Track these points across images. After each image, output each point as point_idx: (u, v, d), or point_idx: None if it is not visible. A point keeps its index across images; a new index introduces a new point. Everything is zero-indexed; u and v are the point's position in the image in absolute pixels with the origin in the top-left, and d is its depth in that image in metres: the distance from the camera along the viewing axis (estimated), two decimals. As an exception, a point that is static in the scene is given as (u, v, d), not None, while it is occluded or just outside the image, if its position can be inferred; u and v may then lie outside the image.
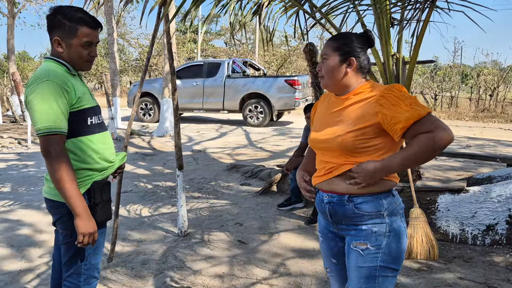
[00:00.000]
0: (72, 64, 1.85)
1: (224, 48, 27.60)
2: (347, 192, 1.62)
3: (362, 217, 1.61)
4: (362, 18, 4.09)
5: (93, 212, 1.84)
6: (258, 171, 5.61)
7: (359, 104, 1.60)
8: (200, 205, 4.65)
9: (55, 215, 1.88)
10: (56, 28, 1.78)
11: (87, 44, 1.82)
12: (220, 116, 13.27)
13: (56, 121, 1.67)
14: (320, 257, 3.34)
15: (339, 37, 1.67)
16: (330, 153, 1.65)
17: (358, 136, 1.56)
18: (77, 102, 1.78)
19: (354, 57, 1.61)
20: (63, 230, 1.87)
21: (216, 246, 3.53)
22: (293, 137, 9.23)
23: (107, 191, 1.92)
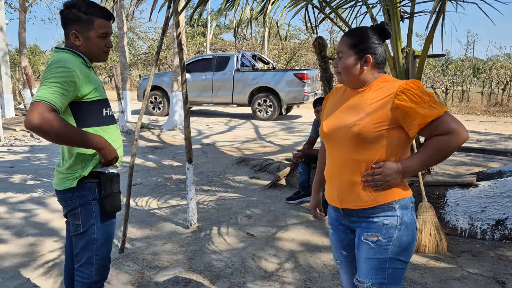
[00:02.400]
0: (89, 56, 1.90)
1: (233, 42, 27.57)
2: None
3: (373, 209, 1.62)
4: (371, 11, 4.07)
5: (103, 203, 1.90)
6: (267, 165, 5.63)
7: (376, 98, 1.59)
8: (209, 198, 4.69)
9: (67, 207, 1.93)
10: (72, 21, 1.83)
11: (104, 36, 1.88)
12: (229, 110, 13.30)
13: (55, 98, 1.67)
14: (329, 250, 3.36)
15: (355, 33, 1.64)
16: (341, 145, 1.63)
17: (374, 128, 1.55)
18: (91, 92, 1.83)
19: (370, 54, 1.60)
20: (74, 221, 1.93)
21: (225, 239, 3.57)
22: (301, 131, 9.23)
23: (116, 183, 1.96)
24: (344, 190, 1.66)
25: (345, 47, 1.62)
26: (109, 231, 1.99)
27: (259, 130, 9.52)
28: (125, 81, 11.06)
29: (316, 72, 12.31)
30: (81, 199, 1.87)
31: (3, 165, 6.13)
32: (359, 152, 1.60)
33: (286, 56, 23.37)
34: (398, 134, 1.58)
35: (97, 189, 1.89)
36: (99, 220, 1.92)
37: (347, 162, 1.64)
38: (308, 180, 4.47)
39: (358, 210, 1.65)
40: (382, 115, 1.55)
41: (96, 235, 1.93)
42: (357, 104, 1.63)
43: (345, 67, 1.63)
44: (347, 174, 1.64)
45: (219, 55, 12.09)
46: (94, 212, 1.90)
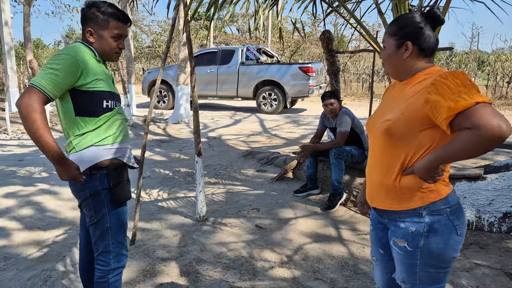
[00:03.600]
0: (101, 54, 1.97)
1: (236, 35, 27.49)
2: None
3: (399, 214, 1.55)
4: (379, 6, 4.06)
5: (114, 192, 1.96)
6: (273, 158, 5.66)
7: (414, 92, 1.47)
8: (217, 190, 4.73)
9: (79, 198, 1.98)
10: (89, 20, 1.92)
11: (117, 37, 1.96)
12: (233, 103, 13.32)
13: (49, 85, 1.74)
14: (337, 242, 3.40)
15: (396, 20, 1.55)
16: (375, 141, 1.60)
17: (404, 125, 1.46)
18: (92, 82, 1.86)
19: (411, 40, 1.49)
20: (88, 212, 1.98)
21: (234, 231, 3.61)
22: (307, 125, 9.25)
23: (124, 172, 2.01)
24: (374, 188, 1.63)
25: (387, 35, 1.55)
26: (122, 219, 2.04)
27: (264, 123, 9.54)
28: (130, 74, 11.09)
29: (321, 66, 12.30)
30: (91, 190, 1.93)
31: (12, 159, 6.19)
32: (387, 151, 1.54)
33: (289, 49, 23.31)
34: (431, 135, 1.45)
35: (106, 179, 1.94)
36: (111, 209, 1.97)
37: (378, 160, 1.60)
38: (315, 173, 4.49)
39: (385, 211, 1.61)
40: (414, 112, 1.44)
41: (110, 224, 1.98)
42: (396, 98, 1.56)
43: (386, 57, 1.56)
44: (377, 172, 1.60)
45: (223, 49, 12.09)
46: (105, 201, 1.95)
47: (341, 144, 4.13)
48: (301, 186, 4.58)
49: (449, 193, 1.53)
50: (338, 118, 4.21)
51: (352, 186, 4.23)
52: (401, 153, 1.51)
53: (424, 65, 1.53)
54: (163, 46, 25.71)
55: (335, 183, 4.07)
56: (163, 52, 3.71)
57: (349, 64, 21.96)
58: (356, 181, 4.24)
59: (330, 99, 4.22)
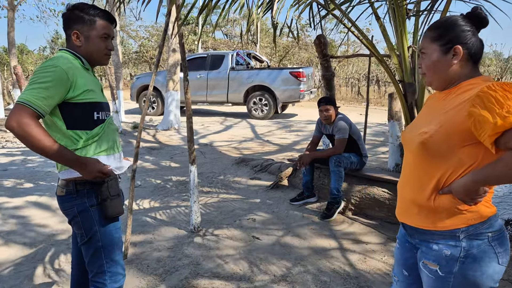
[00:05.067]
0: (90, 58, 1.85)
1: (224, 40, 27.41)
2: None
3: (432, 234, 1.42)
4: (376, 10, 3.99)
5: (103, 208, 1.83)
6: (267, 165, 5.55)
7: (456, 102, 1.34)
8: (210, 200, 4.60)
9: (68, 216, 1.87)
10: (74, 21, 1.80)
11: (105, 37, 1.84)
12: (223, 109, 13.19)
13: (39, 101, 1.62)
14: (338, 253, 3.29)
15: (439, 24, 1.41)
16: (409, 154, 1.48)
17: (442, 140, 1.34)
18: (83, 94, 1.74)
19: (460, 44, 1.35)
20: (78, 231, 1.85)
21: (230, 243, 3.48)
22: (299, 130, 9.17)
23: (113, 185, 1.86)
24: (405, 204, 1.50)
25: (428, 42, 1.41)
26: (115, 236, 1.91)
27: (256, 129, 9.44)
28: (119, 80, 10.90)
29: (311, 70, 12.26)
30: (79, 207, 1.81)
31: (-4, 168, 5.97)
32: (422, 167, 1.41)
33: (278, 54, 23.29)
34: (473, 152, 1.32)
35: (94, 194, 1.82)
36: (101, 226, 1.84)
37: (411, 175, 1.47)
38: (311, 181, 4.39)
39: (416, 230, 1.47)
40: (455, 126, 1.30)
41: (102, 242, 1.85)
42: (436, 109, 1.42)
43: (430, 64, 1.41)
44: (410, 188, 1.47)
45: (213, 54, 11.97)
46: (94, 218, 1.83)
47: (340, 151, 4.04)
48: (297, 194, 4.47)
49: (492, 216, 1.39)
50: (335, 124, 4.12)
51: (350, 194, 4.13)
52: (437, 170, 1.38)
53: (470, 73, 1.39)
54: (151, 52, 25.50)
55: (334, 192, 3.97)
56: (155, 57, 3.59)
57: (338, 69, 22.02)
58: (354, 188, 4.14)
59: (326, 105, 4.13)
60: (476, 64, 1.39)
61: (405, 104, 3.83)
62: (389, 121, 5.11)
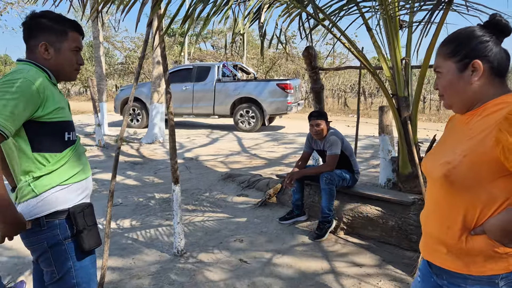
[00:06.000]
0: (57, 73, 1.64)
1: (211, 51, 27.31)
2: None
3: (465, 279, 1.21)
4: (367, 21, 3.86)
5: (78, 241, 1.60)
6: (255, 181, 5.34)
7: (482, 127, 1.15)
8: (195, 218, 4.36)
9: (35, 252, 1.61)
10: (42, 31, 1.58)
11: (76, 50, 1.66)
12: (210, 121, 12.98)
13: (8, 121, 1.41)
14: (331, 277, 3.09)
15: (452, 37, 1.23)
16: (432, 187, 1.29)
17: (468, 171, 1.15)
18: (53, 112, 1.54)
19: (479, 58, 1.17)
20: (47, 268, 1.61)
21: (217, 267, 3.25)
22: (287, 143, 8.99)
23: (89, 214, 1.65)
24: (431, 242, 1.30)
25: (442, 59, 1.23)
26: (91, 271, 1.68)
27: (243, 142, 9.23)
28: (102, 92, 10.61)
29: (299, 82, 12.15)
30: (50, 240, 1.57)
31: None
32: (448, 202, 1.22)
33: (265, 65, 23.23)
34: (507, 185, 1.12)
35: (67, 225, 1.59)
36: (76, 261, 1.61)
37: (436, 210, 1.28)
38: (301, 198, 4.19)
39: (445, 270, 1.26)
40: (482, 155, 1.13)
41: (77, 279, 1.62)
42: (459, 134, 1.24)
43: (446, 85, 1.23)
44: (436, 225, 1.28)
45: (199, 65, 11.79)
46: (68, 253, 1.60)
47: (332, 168, 3.85)
48: (286, 213, 4.26)
49: None
50: (327, 140, 3.94)
51: (342, 212, 3.94)
52: (465, 206, 1.18)
53: (496, 91, 1.19)
54: (136, 63, 25.24)
55: (326, 211, 3.77)
56: (135, 69, 3.38)
57: (324, 80, 22.03)
58: (346, 206, 3.96)
59: (317, 120, 3.95)
60: (503, 79, 1.20)
61: (399, 119, 3.69)
62: (380, 134, 4.96)
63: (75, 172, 1.62)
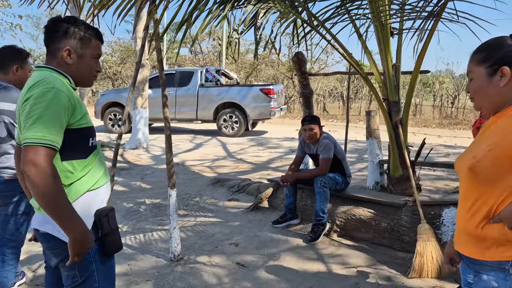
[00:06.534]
0: (77, 79, 1.66)
1: (190, 57, 27.20)
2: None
3: (481, 265, 1.34)
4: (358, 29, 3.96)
5: (103, 243, 1.62)
6: (245, 185, 5.37)
7: (506, 125, 1.28)
8: (187, 223, 4.35)
9: (58, 256, 1.59)
10: (68, 36, 1.59)
11: (97, 57, 1.68)
12: (192, 126, 12.93)
13: (53, 134, 1.42)
14: (327, 279, 3.14)
15: (484, 45, 1.36)
16: (461, 181, 1.41)
17: (492, 165, 1.27)
18: (82, 118, 1.56)
19: (508, 64, 1.29)
20: (69, 272, 1.60)
21: (215, 271, 3.26)
22: (272, 148, 9.05)
23: (113, 218, 1.67)
24: (457, 232, 1.45)
25: (474, 65, 1.36)
26: (112, 275, 1.70)
27: (228, 147, 9.24)
28: (83, 97, 10.46)
29: (281, 87, 12.26)
30: None
31: None
32: (472, 193, 1.33)
33: (244, 70, 23.32)
34: None
35: (92, 229, 1.59)
36: (99, 264, 1.61)
37: (463, 202, 1.40)
38: (294, 202, 4.24)
39: (468, 258, 1.40)
40: (505, 149, 1.24)
41: (99, 283, 1.62)
42: (486, 134, 1.36)
43: (477, 88, 1.36)
44: (462, 216, 1.39)
45: (182, 70, 11.75)
46: (92, 256, 1.59)
47: (325, 171, 3.92)
48: (279, 217, 4.30)
49: None
50: (320, 144, 4.01)
51: (335, 215, 4.01)
52: (487, 196, 1.29)
53: None
54: (114, 68, 24.91)
55: (320, 214, 3.83)
56: (133, 75, 3.39)
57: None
58: (339, 209, 4.03)
59: (310, 124, 4.02)
60: None
61: (390, 123, 3.79)
62: (368, 138, 5.08)
63: (99, 177, 1.63)
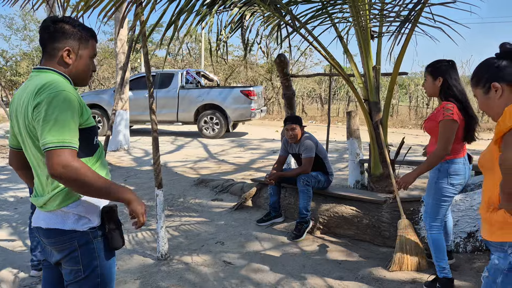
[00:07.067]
0: (75, 78, 1.70)
1: (168, 59, 27.04)
2: None
3: (490, 246, 1.56)
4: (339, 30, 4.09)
5: (108, 239, 1.66)
6: (228, 186, 5.43)
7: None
8: (173, 223, 4.39)
9: (62, 251, 1.62)
10: (67, 37, 1.63)
11: (93, 57, 1.73)
12: (173, 128, 12.89)
13: (72, 136, 1.49)
14: (313, 274, 3.24)
15: (475, 70, 1.61)
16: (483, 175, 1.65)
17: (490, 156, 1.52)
18: (88, 118, 1.62)
19: (496, 80, 1.51)
20: (72, 267, 1.63)
21: (202, 269, 3.32)
22: (253, 149, 9.14)
23: (117, 214, 1.72)
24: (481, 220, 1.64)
25: (473, 88, 1.61)
26: (113, 271, 1.73)
27: (209, 148, 9.28)
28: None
29: (261, 89, 12.37)
30: (81, 239, 1.60)
31: None
32: (485, 183, 1.58)
33: (224, 72, 23.35)
34: None
35: (98, 227, 1.64)
36: (102, 260, 1.65)
37: (482, 193, 1.63)
38: (278, 201, 4.34)
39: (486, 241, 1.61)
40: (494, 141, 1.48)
41: (101, 278, 1.65)
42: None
43: (482, 106, 1.61)
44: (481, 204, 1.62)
45: (162, 72, 11.72)
46: (97, 251, 1.63)
47: (308, 170, 4.03)
48: (264, 215, 4.39)
49: None
50: (302, 143, 4.11)
51: (318, 213, 4.12)
52: (492, 184, 1.51)
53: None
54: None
55: (303, 211, 3.94)
56: (121, 76, 3.42)
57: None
58: (321, 207, 4.14)
59: (292, 124, 4.12)
60: None
61: (371, 123, 3.93)
62: (348, 138, 5.22)
63: (105, 173, 1.68)
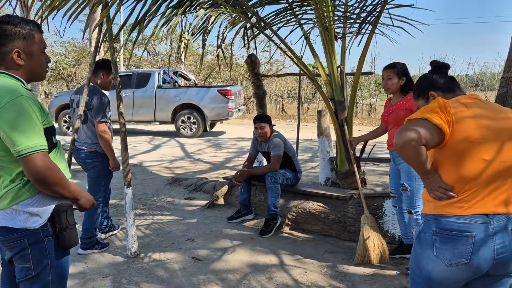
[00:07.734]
0: (30, 76, 1.69)
1: (147, 57, 26.83)
2: None
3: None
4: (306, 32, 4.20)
5: (60, 238, 1.69)
6: (201, 184, 5.49)
7: None
8: (144, 222, 4.43)
9: (13, 249, 1.66)
10: (11, 38, 1.60)
11: (43, 50, 1.70)
12: (150, 128, 12.86)
13: (41, 138, 1.55)
14: (279, 269, 3.33)
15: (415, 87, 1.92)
16: None
17: None
18: (46, 119, 1.65)
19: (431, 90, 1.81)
20: (23, 265, 1.67)
21: (171, 266, 3.38)
22: (229, 148, 9.21)
23: (71, 214, 1.74)
24: None
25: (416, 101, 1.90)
26: (65, 270, 1.77)
27: (186, 147, 9.31)
28: (35, 99, 10.17)
29: (239, 88, 12.43)
30: (31, 238, 1.63)
31: None
32: None
33: (203, 72, 23.32)
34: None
35: (50, 223, 1.67)
36: (53, 259, 1.69)
37: None
38: (249, 198, 4.42)
39: None
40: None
41: (52, 276, 1.69)
42: None
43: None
44: None
45: (139, 72, 11.67)
46: (47, 250, 1.67)
47: (276, 168, 4.12)
48: (234, 212, 4.47)
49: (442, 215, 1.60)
50: (271, 142, 4.21)
51: (287, 209, 4.22)
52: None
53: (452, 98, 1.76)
54: (68, 69, 24.19)
55: (272, 208, 4.03)
56: (87, 76, 3.45)
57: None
58: (290, 204, 4.24)
59: (261, 123, 4.21)
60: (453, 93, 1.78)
61: (336, 121, 4.05)
62: (319, 137, 5.34)
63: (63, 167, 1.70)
